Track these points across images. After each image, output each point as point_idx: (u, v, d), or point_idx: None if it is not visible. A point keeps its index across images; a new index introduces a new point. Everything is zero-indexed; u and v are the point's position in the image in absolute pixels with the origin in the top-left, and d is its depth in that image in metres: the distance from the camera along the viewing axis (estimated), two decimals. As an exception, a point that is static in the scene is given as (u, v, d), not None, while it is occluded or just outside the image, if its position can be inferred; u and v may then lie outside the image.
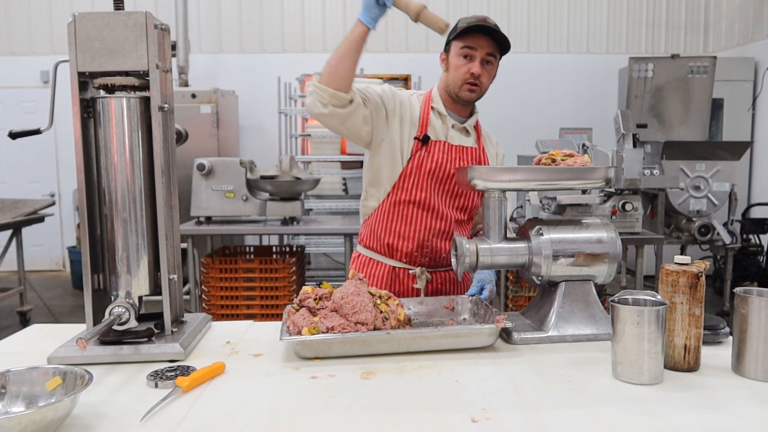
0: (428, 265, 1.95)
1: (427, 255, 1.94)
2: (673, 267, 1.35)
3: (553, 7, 6.94)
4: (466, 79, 1.84)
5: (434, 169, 1.88)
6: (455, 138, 1.94)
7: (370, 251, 2.02)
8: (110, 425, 1.10)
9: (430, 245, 1.92)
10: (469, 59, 1.83)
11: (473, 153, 1.95)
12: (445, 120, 1.93)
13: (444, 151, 1.90)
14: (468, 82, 1.84)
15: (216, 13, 6.91)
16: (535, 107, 6.88)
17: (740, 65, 6.21)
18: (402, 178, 1.90)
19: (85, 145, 1.48)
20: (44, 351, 1.42)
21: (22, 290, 5.11)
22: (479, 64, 1.83)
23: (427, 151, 1.88)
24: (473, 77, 1.83)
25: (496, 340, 1.50)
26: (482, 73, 1.84)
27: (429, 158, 1.88)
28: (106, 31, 1.42)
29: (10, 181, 6.98)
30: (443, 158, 1.89)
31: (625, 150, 3.88)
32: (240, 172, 4.28)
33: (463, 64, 1.84)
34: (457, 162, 1.91)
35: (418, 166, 1.88)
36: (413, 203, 1.90)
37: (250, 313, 4.29)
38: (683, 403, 1.18)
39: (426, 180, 1.89)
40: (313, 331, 1.43)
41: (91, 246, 1.50)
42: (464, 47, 1.83)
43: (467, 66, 1.83)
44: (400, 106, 1.90)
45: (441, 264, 1.97)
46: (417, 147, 1.89)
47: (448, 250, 1.93)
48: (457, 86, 1.87)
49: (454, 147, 1.92)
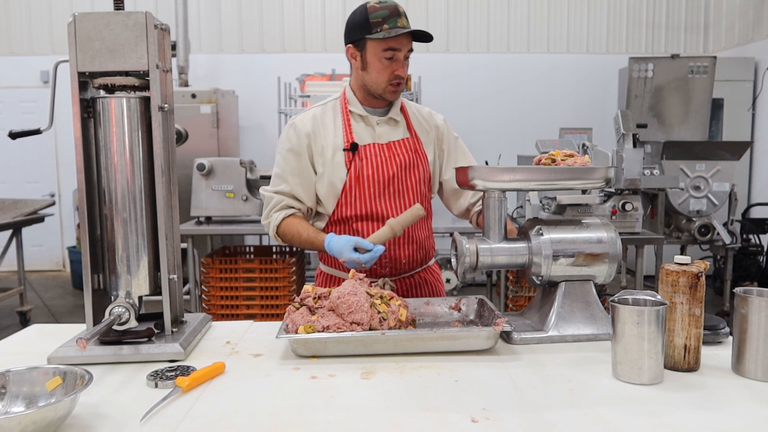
0: (391, 274, 1.89)
1: (386, 265, 1.87)
2: (673, 267, 1.34)
3: (553, 7, 6.94)
4: (390, 80, 1.78)
5: (372, 174, 1.83)
6: (384, 135, 1.87)
7: (330, 268, 1.97)
8: (110, 425, 1.10)
9: (388, 255, 1.85)
10: (392, 60, 1.76)
11: (407, 144, 1.88)
12: (368, 120, 1.87)
13: (375, 153, 1.84)
14: (392, 83, 1.79)
15: (216, 13, 6.91)
16: (535, 107, 6.88)
17: (740, 65, 6.21)
18: (344, 194, 1.84)
19: (85, 145, 1.48)
20: (44, 351, 1.42)
21: (22, 290, 5.11)
22: (402, 64, 1.77)
23: (360, 158, 1.82)
24: (398, 78, 1.78)
25: (495, 344, 1.49)
26: (404, 70, 1.79)
27: (364, 165, 1.82)
28: (106, 31, 1.42)
29: (10, 181, 6.98)
30: (377, 161, 1.83)
31: (625, 150, 3.88)
32: (240, 172, 4.28)
33: (386, 66, 1.77)
34: (394, 160, 1.85)
35: (356, 177, 1.82)
36: (359, 217, 1.85)
37: (250, 313, 4.29)
38: (683, 403, 1.18)
39: (368, 189, 1.83)
40: (309, 330, 1.44)
41: (91, 246, 1.50)
42: (387, 49, 1.74)
43: (391, 68, 1.77)
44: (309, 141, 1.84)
45: (403, 270, 1.91)
46: (349, 158, 1.82)
47: (408, 255, 1.89)
48: (380, 88, 1.80)
49: (385, 146, 1.86)
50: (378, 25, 1.73)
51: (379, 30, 1.72)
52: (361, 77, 1.83)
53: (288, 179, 1.86)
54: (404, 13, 1.76)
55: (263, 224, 1.92)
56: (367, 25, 1.74)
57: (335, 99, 1.92)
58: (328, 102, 1.92)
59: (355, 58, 1.81)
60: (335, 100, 1.91)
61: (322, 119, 1.87)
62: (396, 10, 1.74)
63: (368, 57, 1.78)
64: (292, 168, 1.86)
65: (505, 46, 6.88)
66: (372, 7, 1.75)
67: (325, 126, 1.86)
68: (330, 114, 1.88)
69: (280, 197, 1.87)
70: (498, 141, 6.50)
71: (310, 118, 1.87)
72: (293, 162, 1.86)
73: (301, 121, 1.87)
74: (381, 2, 1.75)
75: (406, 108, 1.95)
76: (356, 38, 1.78)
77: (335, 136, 1.85)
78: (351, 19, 1.80)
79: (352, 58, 1.82)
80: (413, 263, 1.93)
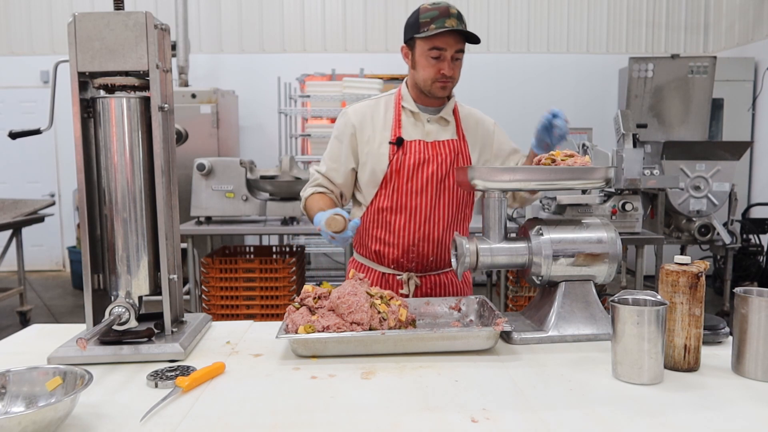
0: (416, 270, 1.93)
1: (413, 260, 1.92)
2: (673, 267, 1.35)
3: (553, 7, 6.94)
4: (437, 78, 1.81)
5: (413, 170, 1.86)
6: (432, 133, 1.90)
7: (362, 257, 2.03)
8: (110, 425, 1.10)
9: (416, 250, 1.90)
10: (439, 59, 1.79)
11: (453, 145, 1.90)
12: (419, 117, 1.90)
13: (420, 150, 1.87)
14: (439, 81, 1.82)
15: (216, 13, 6.91)
16: (535, 107, 6.80)
17: (740, 65, 6.21)
18: (383, 185, 1.89)
19: (85, 145, 1.48)
20: (44, 351, 1.42)
21: (22, 290, 5.11)
22: (449, 63, 1.79)
23: (404, 153, 1.86)
24: (445, 77, 1.81)
25: (495, 344, 1.49)
26: (453, 71, 1.81)
27: (406, 160, 1.86)
28: (106, 31, 1.42)
29: (10, 181, 6.98)
30: (420, 157, 1.86)
31: (625, 150, 3.88)
32: (240, 172, 4.28)
33: (433, 65, 1.80)
34: (436, 159, 1.87)
35: (396, 170, 1.86)
36: (395, 210, 1.89)
37: (250, 313, 4.29)
38: (683, 403, 1.18)
39: (407, 183, 1.87)
40: (308, 329, 1.44)
41: (91, 246, 1.50)
42: (433, 48, 1.78)
43: (437, 66, 1.79)
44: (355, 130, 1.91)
45: (430, 268, 1.95)
46: (393, 151, 1.86)
47: (436, 254, 1.92)
48: (428, 85, 1.84)
49: (431, 144, 1.88)
50: (426, 24, 1.76)
51: (427, 30, 1.76)
52: (413, 76, 1.89)
53: (327, 162, 1.97)
54: (456, 14, 1.76)
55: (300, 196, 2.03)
56: (416, 24, 1.79)
57: (390, 95, 1.98)
58: (382, 97, 1.98)
59: (407, 56, 1.88)
60: (390, 95, 1.97)
61: (372, 113, 1.93)
62: (446, 11, 1.76)
63: (417, 56, 1.83)
64: (333, 153, 1.96)
65: (505, 46, 6.88)
66: (424, 8, 1.80)
67: (376, 118, 1.92)
68: (382, 107, 1.94)
69: (317, 175, 1.99)
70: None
71: (361, 110, 1.94)
72: (335, 147, 1.96)
73: (353, 111, 1.95)
74: (434, 3, 1.79)
75: (458, 110, 1.97)
76: (407, 38, 1.85)
77: (384, 129, 1.90)
78: (407, 21, 1.86)
79: (405, 57, 1.89)
80: (440, 263, 1.96)
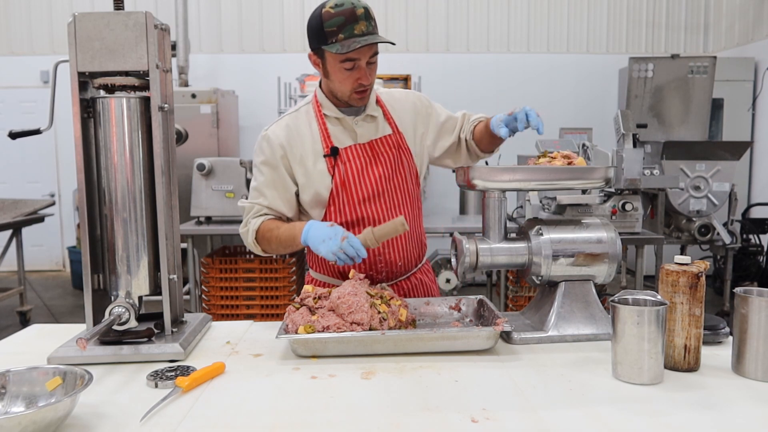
0: (387, 279, 1.81)
1: (383, 270, 1.80)
2: (673, 267, 1.34)
3: (553, 7, 6.93)
4: (354, 89, 1.69)
5: (357, 177, 1.74)
6: (365, 134, 1.78)
7: (322, 275, 1.87)
8: (110, 425, 1.10)
9: (384, 259, 1.78)
10: (353, 69, 1.65)
11: (389, 141, 1.80)
12: (345, 121, 1.77)
13: (358, 155, 1.75)
14: (357, 92, 1.70)
15: (216, 13, 6.91)
16: (535, 107, 6.80)
17: (740, 65, 6.21)
18: (331, 201, 1.75)
19: (85, 145, 1.49)
20: (44, 351, 1.42)
21: (22, 290, 5.11)
22: (365, 72, 1.67)
23: (343, 162, 1.74)
24: (363, 86, 1.69)
25: (495, 344, 1.48)
26: (369, 77, 1.69)
27: (348, 170, 1.74)
28: (106, 31, 1.42)
29: (10, 181, 6.98)
30: (361, 162, 1.75)
31: (625, 150, 3.88)
32: (240, 172, 4.28)
33: (348, 77, 1.66)
34: (378, 159, 1.77)
35: (341, 182, 1.73)
36: (351, 224, 1.76)
37: (250, 313, 4.30)
38: (683, 403, 1.18)
39: (355, 194, 1.74)
40: (308, 330, 1.44)
41: (91, 246, 1.50)
42: (345, 60, 1.63)
43: (352, 77, 1.66)
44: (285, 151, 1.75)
45: (400, 273, 1.84)
46: (331, 164, 1.73)
47: (403, 257, 1.82)
48: (345, 95, 1.71)
49: (367, 145, 1.77)
50: (333, 35, 1.59)
51: (335, 41, 1.60)
52: (327, 84, 1.76)
53: (265, 193, 1.78)
54: (363, 15, 1.60)
55: (241, 233, 1.81)
56: (322, 34, 1.61)
57: (307, 104, 1.81)
58: (300, 108, 1.81)
59: (318, 65, 1.72)
60: (307, 105, 1.81)
61: (297, 127, 1.77)
62: (352, 14, 1.59)
63: (329, 67, 1.68)
64: (269, 181, 1.77)
65: (505, 46, 6.88)
66: (327, 13, 1.60)
67: (301, 134, 1.76)
68: (304, 120, 1.78)
69: (258, 206, 1.78)
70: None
71: (284, 128, 1.77)
72: (269, 175, 1.77)
73: (273, 132, 1.77)
74: (337, 5, 1.60)
75: (381, 99, 1.84)
76: (313, 47, 1.68)
77: (313, 142, 1.75)
78: (308, 24, 1.67)
79: (315, 66, 1.74)
80: (408, 264, 1.85)
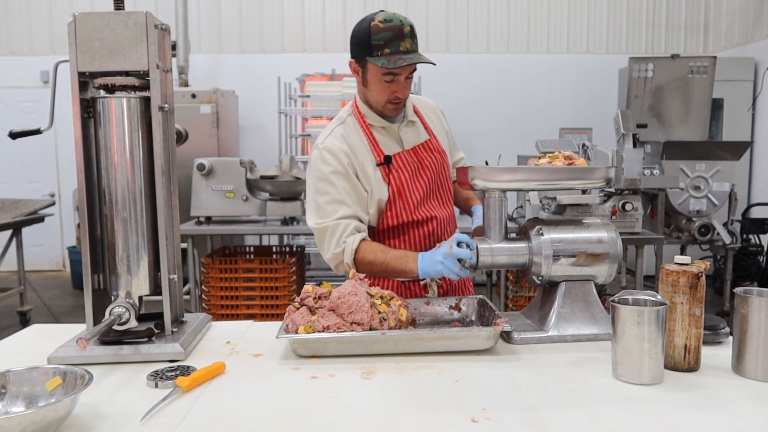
0: None
1: None
2: (673, 267, 1.34)
3: (553, 7, 6.94)
4: (390, 100, 1.75)
5: (411, 184, 1.81)
6: (409, 139, 1.85)
7: None
8: (110, 425, 1.10)
9: None
10: (392, 82, 1.71)
11: (429, 146, 1.88)
12: (390, 129, 1.83)
13: (407, 161, 1.82)
14: (392, 102, 1.76)
15: (216, 13, 6.91)
16: (535, 107, 6.88)
17: (740, 65, 6.21)
18: (388, 207, 1.80)
19: (85, 145, 1.48)
20: (44, 351, 1.42)
21: (22, 290, 5.11)
22: (403, 86, 1.73)
23: (395, 170, 1.80)
24: (398, 99, 1.75)
25: (495, 344, 1.49)
26: (405, 91, 1.76)
27: (401, 177, 1.80)
28: (106, 31, 1.42)
29: (10, 181, 6.98)
30: (411, 169, 1.82)
31: (625, 150, 3.88)
32: (240, 172, 4.28)
33: (386, 88, 1.72)
34: (424, 164, 1.85)
35: (398, 190, 1.79)
36: (404, 225, 1.83)
37: (250, 313, 4.29)
38: (683, 403, 1.18)
39: (410, 199, 1.81)
40: (309, 330, 1.44)
41: (91, 246, 1.50)
42: (388, 74, 1.69)
43: (390, 89, 1.73)
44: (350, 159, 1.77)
45: None
46: (385, 171, 1.79)
47: None
48: (380, 106, 1.78)
49: (411, 151, 1.84)
50: (379, 48, 1.66)
51: (380, 54, 1.66)
52: (364, 93, 1.82)
53: (346, 201, 1.75)
54: (409, 33, 1.67)
55: (330, 257, 1.75)
56: (369, 46, 1.67)
57: (350, 115, 1.85)
58: (346, 119, 1.85)
59: (358, 73, 1.78)
60: (350, 116, 1.85)
61: (350, 137, 1.80)
62: (400, 32, 1.65)
63: (369, 77, 1.74)
64: (344, 190, 1.75)
65: (505, 46, 6.88)
66: (375, 27, 1.66)
67: (356, 143, 1.80)
68: (353, 130, 1.82)
69: (346, 222, 1.73)
70: (498, 141, 6.50)
71: (341, 138, 1.79)
72: (342, 183, 1.75)
73: (332, 143, 1.78)
74: (386, 20, 1.66)
75: (416, 106, 1.93)
76: (357, 56, 1.74)
77: (366, 152, 1.80)
78: (354, 33, 1.72)
79: (354, 73, 1.79)
80: None
